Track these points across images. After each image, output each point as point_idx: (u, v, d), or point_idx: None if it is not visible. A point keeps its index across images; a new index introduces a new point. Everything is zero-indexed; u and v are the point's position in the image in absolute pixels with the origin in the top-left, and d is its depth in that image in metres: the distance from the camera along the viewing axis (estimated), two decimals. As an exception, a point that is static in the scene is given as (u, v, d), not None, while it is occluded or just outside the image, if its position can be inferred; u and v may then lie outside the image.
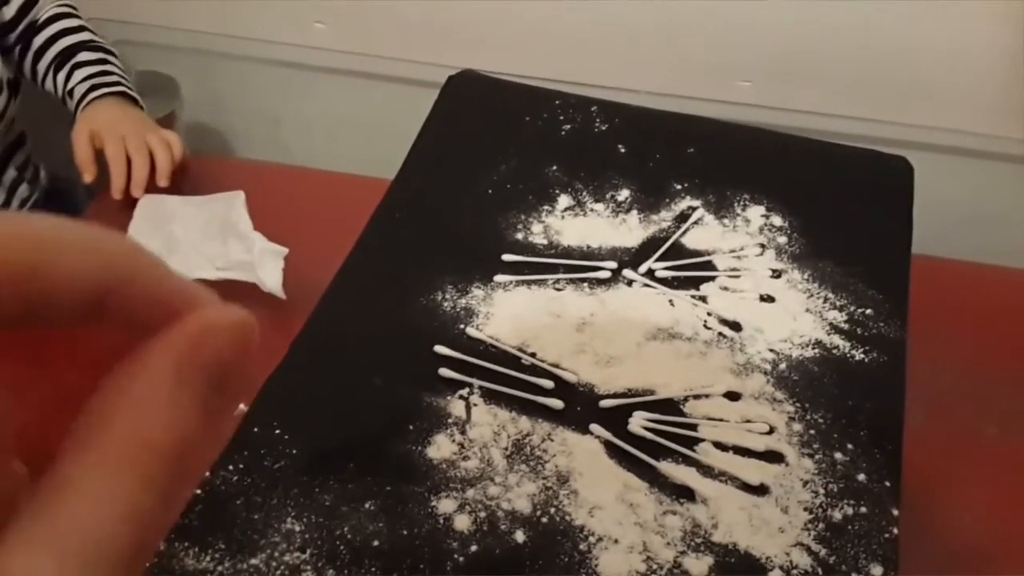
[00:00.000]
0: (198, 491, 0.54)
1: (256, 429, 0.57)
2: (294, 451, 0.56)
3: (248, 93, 1.00)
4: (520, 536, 0.52)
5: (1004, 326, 0.78)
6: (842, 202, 0.74)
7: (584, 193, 0.74)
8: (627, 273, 0.68)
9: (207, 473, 0.55)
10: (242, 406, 0.60)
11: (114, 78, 0.86)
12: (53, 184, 0.94)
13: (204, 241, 0.67)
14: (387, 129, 0.92)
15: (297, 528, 0.52)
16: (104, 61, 0.87)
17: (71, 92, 0.85)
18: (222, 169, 0.88)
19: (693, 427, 0.58)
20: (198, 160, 0.88)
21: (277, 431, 0.57)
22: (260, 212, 0.79)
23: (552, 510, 0.54)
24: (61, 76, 0.86)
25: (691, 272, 0.68)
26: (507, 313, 0.65)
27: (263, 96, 0.99)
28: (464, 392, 0.60)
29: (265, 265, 0.64)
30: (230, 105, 0.97)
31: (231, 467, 0.55)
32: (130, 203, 0.75)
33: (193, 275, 0.65)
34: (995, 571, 0.61)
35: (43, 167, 0.93)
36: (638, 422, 0.58)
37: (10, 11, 0.89)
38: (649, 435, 0.58)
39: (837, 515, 0.54)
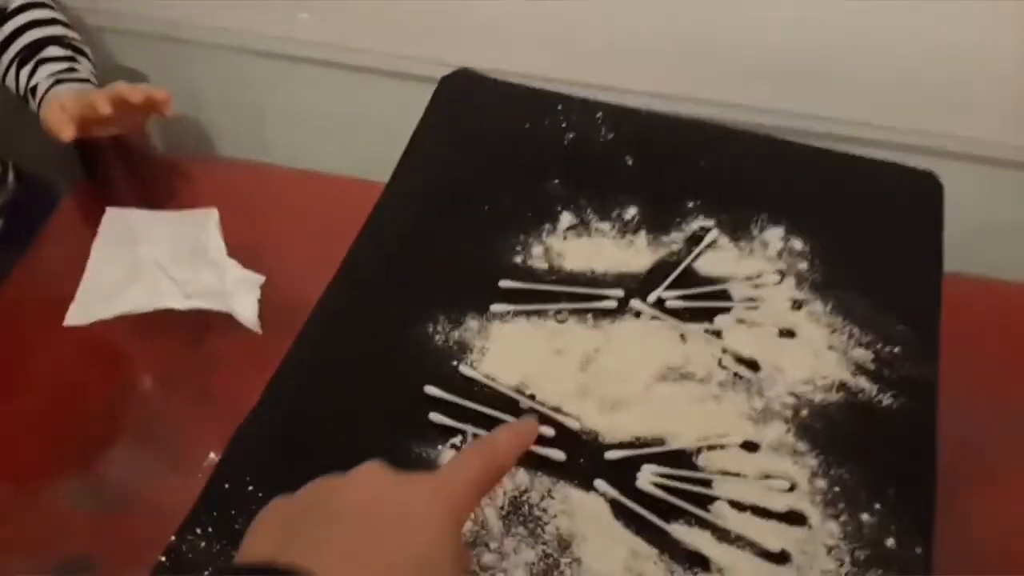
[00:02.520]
0: (162, 558, 0.49)
1: (226, 485, 0.52)
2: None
3: (228, 87, 0.94)
4: (516, 615, 0.48)
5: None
6: (867, 224, 0.68)
7: (588, 211, 0.69)
8: (635, 303, 0.62)
9: (172, 537, 0.50)
10: (212, 455, 0.55)
11: (83, 75, 0.80)
12: (21, 185, 0.88)
13: (173, 264, 0.61)
14: (377, 126, 0.86)
15: (271, 602, 0.47)
16: (72, 59, 0.81)
17: (33, 89, 0.78)
18: (200, 169, 0.82)
19: (707, 483, 0.53)
20: (174, 159, 0.82)
21: (250, 487, 0.52)
22: (240, 217, 0.73)
23: (552, 582, 0.49)
24: (25, 72, 0.79)
25: (704, 302, 0.63)
26: (504, 348, 0.60)
27: (244, 90, 0.93)
28: (457, 441, 0.55)
29: (239, 295, 0.58)
30: (208, 99, 0.90)
31: (198, 530, 0.50)
32: (95, 216, 0.69)
33: (160, 304, 0.60)
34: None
35: (11, 167, 0.87)
36: (647, 477, 0.53)
37: None
38: (659, 492, 0.53)
39: (865, 587, 0.49)
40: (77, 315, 0.61)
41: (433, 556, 0.37)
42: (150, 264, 0.61)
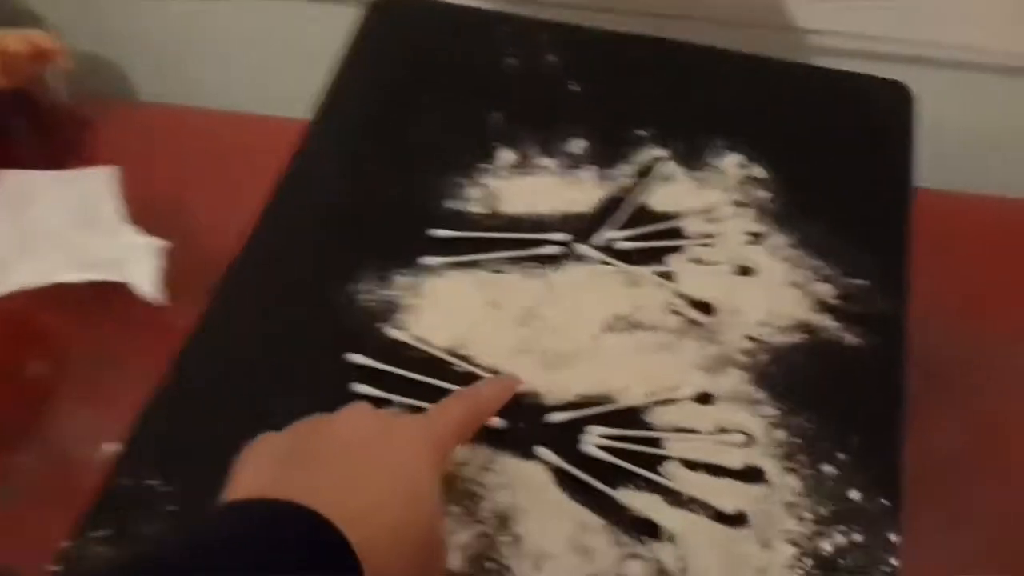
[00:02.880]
0: (55, 568, 0.45)
1: (127, 481, 0.48)
2: (175, 508, 0.47)
3: (140, 27, 0.86)
4: (450, 602, 0.44)
5: (1011, 268, 0.69)
6: (832, 144, 0.63)
7: (530, 145, 0.63)
8: (580, 248, 0.57)
9: (67, 541, 0.46)
10: (107, 445, 0.50)
11: None
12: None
13: (68, 231, 0.56)
14: (300, 58, 0.79)
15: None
16: None
17: None
18: (111, 117, 0.76)
19: (658, 442, 0.49)
20: (81, 108, 0.76)
21: (151, 482, 0.48)
22: (152, 168, 0.68)
23: (490, 565, 0.45)
24: None
25: (656, 242, 0.58)
26: (437, 306, 0.55)
27: (156, 29, 0.85)
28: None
29: (136, 263, 0.53)
30: (119, 40, 0.83)
31: (98, 532, 0.46)
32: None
33: (53, 278, 0.55)
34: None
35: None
36: (592, 440, 0.49)
37: None
38: (605, 456, 0.49)
39: (827, 546, 0.46)
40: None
41: (420, 489, 0.40)
42: (42, 232, 0.56)
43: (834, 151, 0.62)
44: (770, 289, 0.55)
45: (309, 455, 0.39)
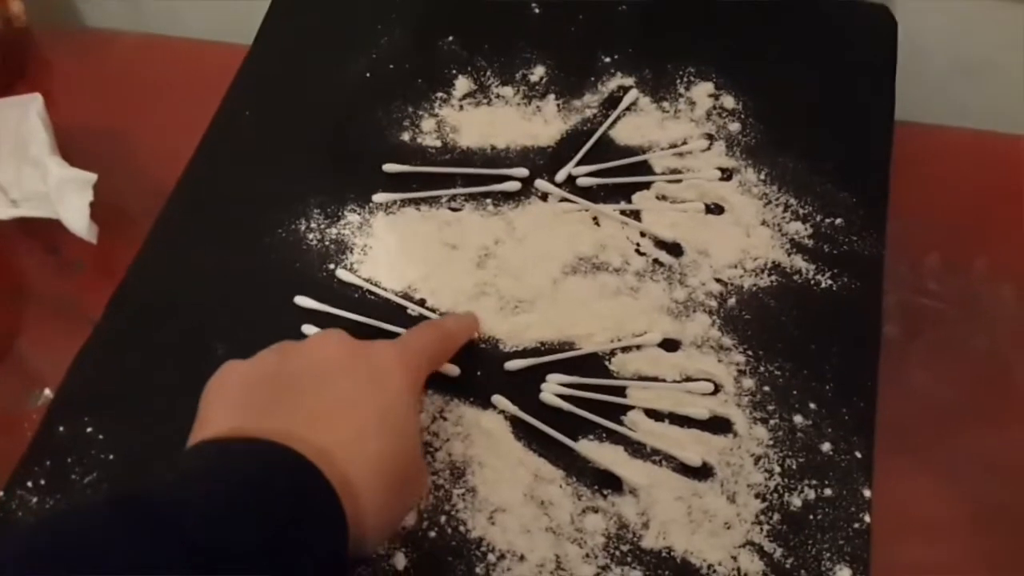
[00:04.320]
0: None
1: (61, 428, 0.45)
2: (111, 456, 0.44)
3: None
4: (401, 560, 0.42)
5: (993, 206, 0.66)
6: (808, 73, 0.59)
7: (488, 74, 0.59)
8: (541, 184, 0.54)
9: (0, 490, 0.43)
10: (47, 392, 0.47)
11: None
12: None
13: (-3, 165, 0.52)
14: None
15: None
16: None
17: None
18: (49, 40, 0.71)
19: (621, 391, 0.47)
20: (18, 33, 0.70)
21: (88, 429, 0.45)
22: (88, 97, 0.64)
23: (443, 519, 0.43)
24: None
25: (621, 178, 0.54)
26: (389, 245, 0.52)
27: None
28: (333, 358, 0.47)
29: (66, 199, 0.49)
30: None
31: (30, 483, 0.43)
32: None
33: (-20, 215, 0.51)
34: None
35: None
36: (552, 388, 0.47)
37: None
38: (566, 405, 0.46)
39: (796, 501, 0.44)
40: None
41: (399, 414, 0.38)
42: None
43: (811, 80, 0.58)
44: (741, 228, 0.52)
45: (281, 385, 0.38)
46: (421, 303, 0.49)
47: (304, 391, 0.37)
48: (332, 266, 0.51)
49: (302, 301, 0.49)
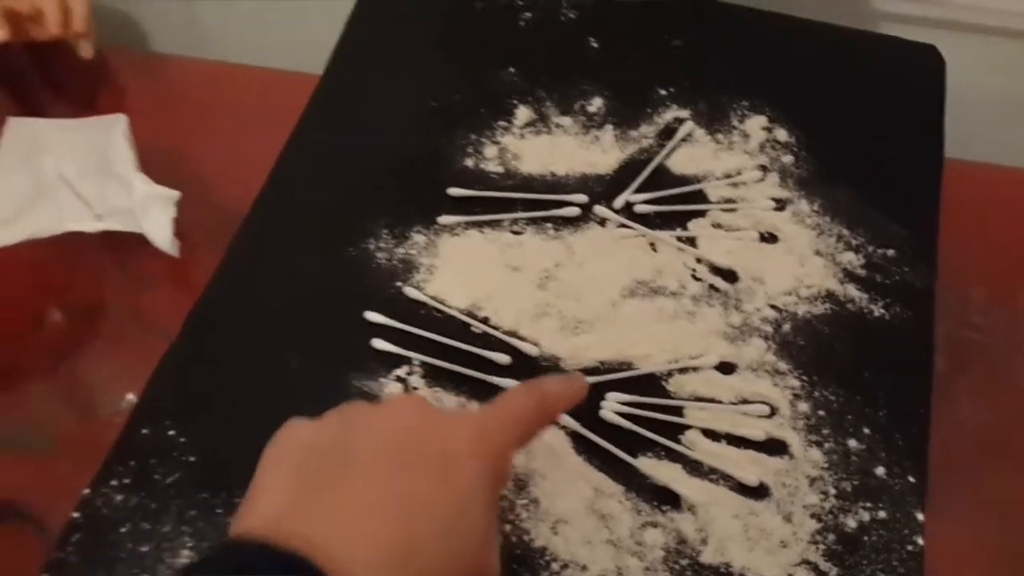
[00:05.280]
0: (75, 514, 0.44)
1: (145, 431, 0.47)
2: (192, 458, 0.46)
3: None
4: (467, 567, 0.43)
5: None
6: (859, 108, 0.61)
7: (548, 104, 0.61)
8: (600, 210, 0.56)
9: (86, 489, 0.45)
10: (130, 396, 0.49)
11: None
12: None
13: (82, 180, 0.54)
14: (314, 12, 0.77)
15: (194, 563, 0.43)
16: None
17: None
18: (126, 66, 0.74)
19: (678, 411, 0.48)
20: (98, 56, 0.73)
21: (171, 432, 0.47)
22: (165, 121, 0.66)
23: (507, 528, 0.44)
24: None
25: (677, 205, 0.56)
26: (454, 265, 0.53)
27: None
28: (402, 371, 0.49)
29: (150, 214, 0.51)
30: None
31: (115, 482, 0.45)
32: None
33: (68, 226, 0.53)
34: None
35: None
36: (612, 406, 0.48)
37: None
38: (625, 423, 0.48)
39: (851, 523, 0.45)
40: (-21, 240, 0.54)
41: (468, 509, 0.33)
42: (56, 180, 0.54)
43: (862, 115, 0.60)
44: (795, 257, 0.54)
45: (340, 462, 0.33)
46: (484, 321, 0.51)
47: (360, 477, 0.33)
48: (399, 283, 0.53)
49: (371, 316, 0.51)
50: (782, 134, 0.59)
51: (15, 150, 0.58)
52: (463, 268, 0.53)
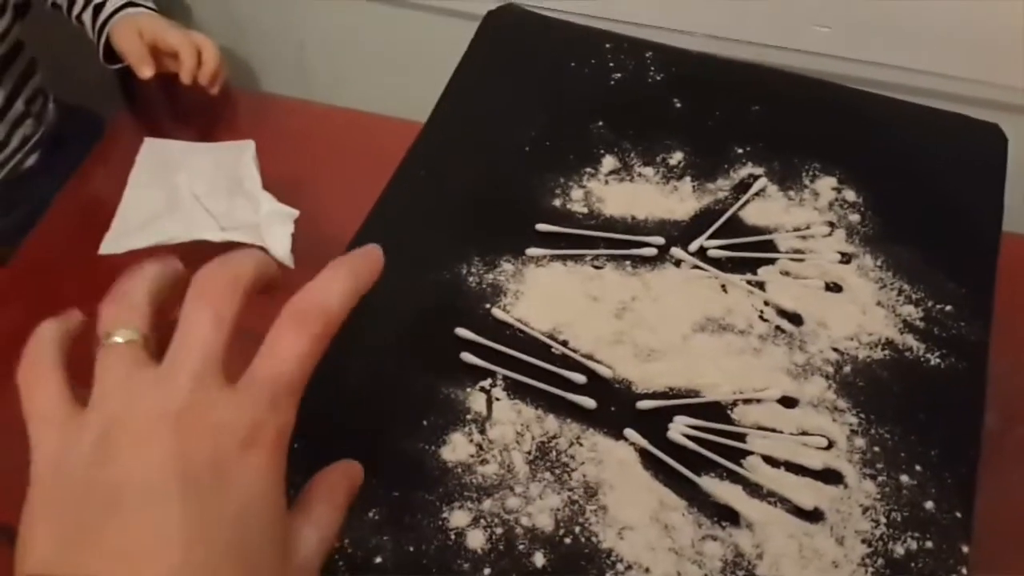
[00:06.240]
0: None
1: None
2: (293, 445, 0.51)
3: (271, 22, 0.92)
4: (539, 559, 0.47)
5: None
6: (924, 176, 0.65)
7: (632, 155, 0.66)
8: (675, 252, 0.60)
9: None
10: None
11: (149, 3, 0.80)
12: (62, 116, 0.89)
13: (209, 196, 0.61)
14: (419, 64, 0.84)
15: (294, 535, 0.47)
16: None
17: (99, 7, 0.78)
18: (241, 102, 0.82)
19: (741, 437, 0.52)
20: (219, 90, 0.82)
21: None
22: (278, 152, 0.73)
23: (577, 529, 0.48)
24: None
25: (748, 253, 0.61)
26: (539, 293, 0.58)
27: (287, 26, 0.91)
28: (486, 384, 0.54)
29: (273, 229, 0.58)
30: (252, 35, 0.90)
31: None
32: (135, 146, 0.69)
33: (196, 235, 0.60)
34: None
35: (51, 98, 0.87)
36: (679, 428, 0.52)
37: None
38: (691, 444, 0.51)
39: (899, 549, 0.48)
40: (112, 244, 0.61)
41: (251, 515, 0.30)
42: (187, 195, 0.61)
43: (927, 182, 0.64)
44: (858, 306, 0.58)
45: (101, 505, 0.28)
46: (564, 344, 0.56)
47: (128, 514, 0.28)
48: (488, 305, 0.57)
49: (462, 332, 0.56)
50: (850, 194, 0.64)
51: (149, 166, 0.65)
52: (546, 295, 0.58)
